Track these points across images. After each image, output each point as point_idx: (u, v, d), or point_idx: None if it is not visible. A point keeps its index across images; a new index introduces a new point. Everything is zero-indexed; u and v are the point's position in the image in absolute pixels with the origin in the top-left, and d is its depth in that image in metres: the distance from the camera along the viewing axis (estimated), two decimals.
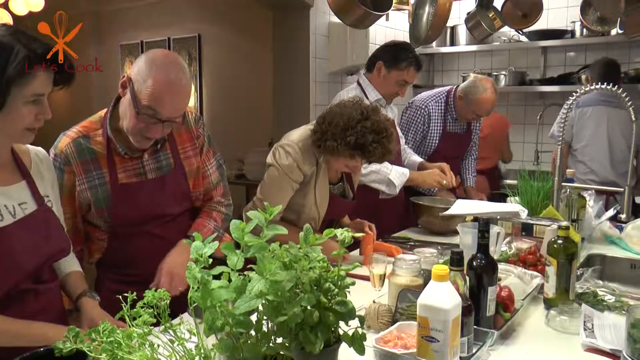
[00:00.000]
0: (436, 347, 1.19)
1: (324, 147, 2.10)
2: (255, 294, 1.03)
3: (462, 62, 5.18)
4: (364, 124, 2.04)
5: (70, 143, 1.75)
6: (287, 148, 2.17)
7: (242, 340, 1.09)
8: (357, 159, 2.10)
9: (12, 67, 1.31)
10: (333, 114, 2.10)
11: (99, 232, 1.85)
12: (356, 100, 2.15)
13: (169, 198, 1.86)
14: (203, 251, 1.11)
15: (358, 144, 2.03)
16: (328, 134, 2.07)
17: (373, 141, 2.04)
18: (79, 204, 1.79)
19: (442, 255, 2.06)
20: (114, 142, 1.76)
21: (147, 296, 1.10)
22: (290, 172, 2.15)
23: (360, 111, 2.07)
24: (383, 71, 2.83)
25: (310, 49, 3.76)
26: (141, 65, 1.66)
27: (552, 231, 1.95)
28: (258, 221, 1.11)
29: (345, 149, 2.05)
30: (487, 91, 3.16)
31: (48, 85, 1.40)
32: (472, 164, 3.64)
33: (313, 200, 2.23)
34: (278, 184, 2.17)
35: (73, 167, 1.74)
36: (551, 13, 4.60)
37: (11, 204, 1.45)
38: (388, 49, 2.88)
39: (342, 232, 1.11)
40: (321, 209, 2.26)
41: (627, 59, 4.42)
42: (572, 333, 1.60)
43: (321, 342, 1.10)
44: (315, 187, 2.22)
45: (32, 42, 1.35)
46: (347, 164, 2.16)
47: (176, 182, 1.87)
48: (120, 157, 1.78)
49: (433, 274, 1.21)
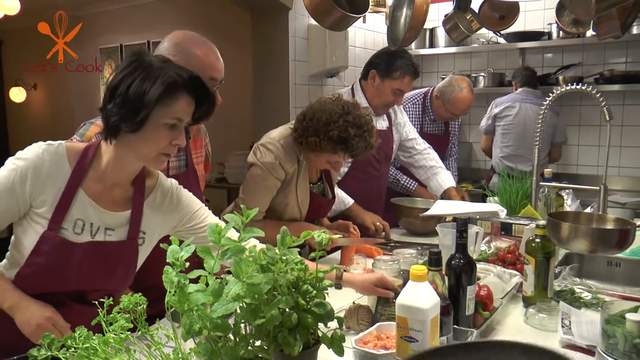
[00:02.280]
0: (415, 347, 1.20)
1: (306, 143, 2.10)
2: (232, 297, 1.02)
3: (442, 63, 5.21)
4: (345, 118, 2.04)
5: (100, 133, 1.68)
6: (268, 146, 2.16)
7: (221, 344, 1.09)
8: (339, 153, 2.10)
9: (159, 87, 1.34)
10: (314, 110, 2.10)
11: None
12: (336, 97, 2.15)
13: None
14: (179, 255, 1.11)
15: (341, 138, 2.04)
16: (310, 129, 2.07)
17: (355, 135, 2.04)
18: None
19: (422, 256, 2.07)
20: None
21: (123, 301, 1.09)
22: (273, 169, 2.14)
23: (341, 106, 2.07)
24: (377, 81, 2.75)
25: (290, 52, 3.75)
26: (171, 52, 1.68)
27: (531, 230, 1.98)
28: (235, 223, 1.10)
29: (328, 144, 2.05)
30: (463, 90, 3.19)
31: (189, 113, 1.43)
32: (453, 165, 3.67)
33: (295, 199, 2.22)
34: (261, 182, 2.16)
35: None
36: (528, 15, 4.66)
37: (97, 225, 1.45)
38: (382, 56, 2.79)
39: (320, 234, 1.11)
40: (303, 208, 2.26)
41: (602, 60, 4.49)
42: (551, 330, 1.62)
43: (300, 344, 1.10)
44: (297, 186, 2.21)
45: (179, 69, 1.40)
46: (329, 160, 2.15)
47: (190, 183, 1.86)
48: None
49: (411, 274, 1.22)
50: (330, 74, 4.00)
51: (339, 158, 2.13)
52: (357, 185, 2.79)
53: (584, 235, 1.59)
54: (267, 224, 2.17)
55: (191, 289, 1.07)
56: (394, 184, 3.22)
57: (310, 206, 2.28)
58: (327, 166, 2.20)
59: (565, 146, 4.70)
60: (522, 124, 4.13)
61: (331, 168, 2.22)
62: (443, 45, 4.93)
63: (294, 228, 2.17)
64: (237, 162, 5.00)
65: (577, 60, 4.53)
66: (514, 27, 4.41)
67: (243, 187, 2.21)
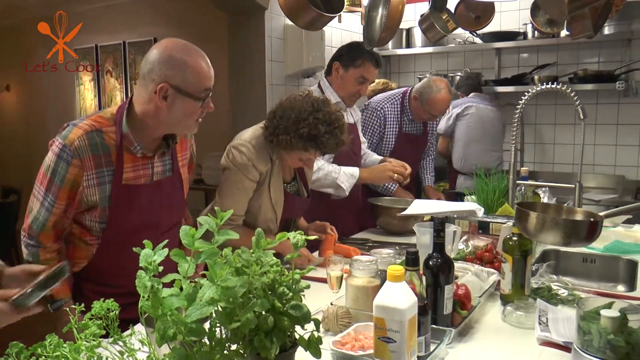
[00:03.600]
0: (393, 347, 1.19)
1: (276, 142, 2.09)
2: (206, 301, 1.01)
3: (418, 63, 5.23)
4: (315, 116, 2.04)
5: (84, 135, 1.66)
6: (240, 148, 2.14)
7: (196, 349, 1.07)
8: (310, 151, 2.10)
9: None
10: (284, 108, 2.09)
11: (90, 236, 1.77)
12: (306, 94, 2.15)
13: (166, 203, 1.84)
14: (152, 259, 1.08)
15: (311, 135, 2.03)
16: (280, 127, 2.07)
17: (326, 132, 2.04)
18: (79, 202, 1.71)
19: (400, 256, 2.07)
20: (129, 140, 1.71)
21: (95, 307, 1.07)
22: (246, 171, 2.12)
23: (311, 103, 2.07)
24: (340, 71, 2.80)
25: (266, 52, 3.73)
26: (165, 65, 1.64)
27: (508, 228, 1.99)
28: (208, 226, 1.09)
29: (299, 142, 2.05)
30: (441, 91, 3.20)
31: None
32: (430, 164, 3.69)
33: (269, 199, 2.21)
34: (236, 185, 2.14)
35: (84, 161, 1.65)
36: (504, 15, 4.70)
37: None
38: (342, 49, 2.87)
39: (295, 235, 1.09)
40: (277, 209, 2.24)
41: (576, 60, 4.55)
42: (528, 328, 1.62)
43: (276, 347, 1.09)
44: (270, 186, 2.20)
45: None
46: (301, 158, 2.15)
47: (174, 187, 1.87)
48: (132, 155, 1.73)
49: (388, 275, 1.21)
50: (307, 74, 3.99)
51: (311, 155, 2.13)
52: None
53: (552, 226, 1.53)
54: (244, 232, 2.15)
55: (165, 294, 1.05)
56: (375, 185, 3.22)
57: (285, 206, 2.26)
58: (300, 164, 2.19)
59: (541, 145, 4.76)
60: (481, 122, 4.25)
61: (303, 165, 2.21)
62: (420, 45, 4.95)
63: None
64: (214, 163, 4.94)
65: (551, 60, 4.59)
66: (490, 27, 4.44)
67: (219, 192, 2.19)
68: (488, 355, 1.48)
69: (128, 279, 1.66)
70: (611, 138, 4.47)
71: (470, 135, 4.26)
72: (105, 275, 1.79)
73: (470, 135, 4.26)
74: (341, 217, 2.71)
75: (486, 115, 4.27)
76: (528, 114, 4.73)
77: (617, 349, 1.21)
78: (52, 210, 1.69)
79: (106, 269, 1.78)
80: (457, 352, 1.48)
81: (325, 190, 2.71)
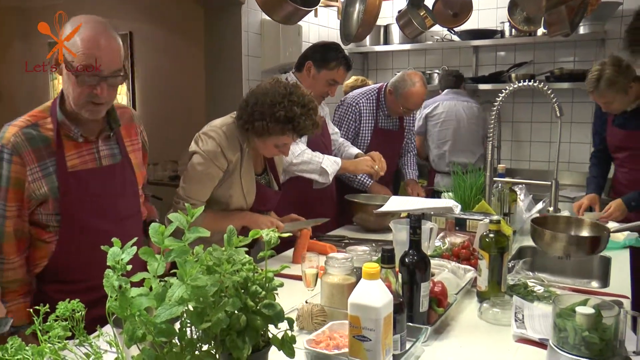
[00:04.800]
0: (368, 346, 1.17)
1: (252, 129, 2.08)
2: (176, 300, 0.97)
3: (396, 60, 5.23)
4: (290, 98, 2.05)
5: (19, 132, 1.64)
6: (210, 133, 2.14)
7: (166, 350, 1.04)
8: (287, 134, 2.09)
9: None
10: (256, 95, 2.10)
11: (47, 234, 1.72)
12: (275, 80, 2.16)
13: (119, 189, 1.81)
14: (120, 257, 1.05)
15: (288, 117, 2.04)
16: (255, 114, 2.06)
17: (301, 114, 2.05)
18: (28, 198, 1.67)
19: (376, 253, 2.06)
20: (66, 126, 1.69)
21: (59, 308, 1.03)
22: (215, 157, 2.11)
23: (284, 87, 2.09)
24: (313, 71, 2.80)
25: (243, 47, 3.69)
26: (66, 33, 1.61)
27: (484, 225, 1.98)
28: (179, 223, 1.05)
29: (276, 125, 2.05)
30: (415, 85, 3.20)
31: None
32: (411, 160, 3.68)
33: (240, 189, 2.19)
34: (202, 170, 2.12)
35: (24, 157, 1.63)
36: (481, 13, 4.72)
37: None
38: (317, 49, 2.86)
39: (268, 233, 1.07)
40: (249, 198, 2.22)
41: (553, 59, 4.59)
42: (504, 324, 1.62)
43: (249, 347, 1.06)
44: (241, 176, 2.18)
45: None
46: (277, 143, 2.14)
47: (125, 172, 1.83)
48: (74, 142, 1.70)
49: (363, 273, 1.19)
50: (284, 70, 3.94)
51: (288, 139, 2.13)
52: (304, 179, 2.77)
53: (563, 242, 1.78)
54: (207, 216, 2.13)
55: (134, 293, 1.02)
56: (350, 180, 3.21)
57: (256, 197, 2.25)
58: (275, 151, 2.18)
59: (518, 142, 4.80)
60: (454, 120, 4.21)
61: (279, 152, 2.20)
62: (397, 42, 4.95)
63: (235, 216, 2.18)
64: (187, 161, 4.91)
65: (528, 58, 4.63)
66: (468, 25, 4.46)
67: (184, 176, 2.17)
68: (464, 353, 1.47)
69: (92, 271, 1.58)
70: (586, 136, 4.51)
71: (443, 135, 4.25)
72: (68, 270, 1.73)
73: (443, 135, 4.25)
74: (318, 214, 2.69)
75: (459, 113, 4.22)
76: (505, 111, 4.75)
77: (591, 345, 1.21)
78: (5, 215, 1.65)
79: (68, 264, 1.73)
80: (433, 350, 1.48)
81: (309, 176, 2.71)
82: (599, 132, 3.10)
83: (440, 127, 4.25)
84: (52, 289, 1.73)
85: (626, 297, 1.87)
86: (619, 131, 2.86)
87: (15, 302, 1.68)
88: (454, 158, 4.13)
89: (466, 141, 4.22)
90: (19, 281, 1.69)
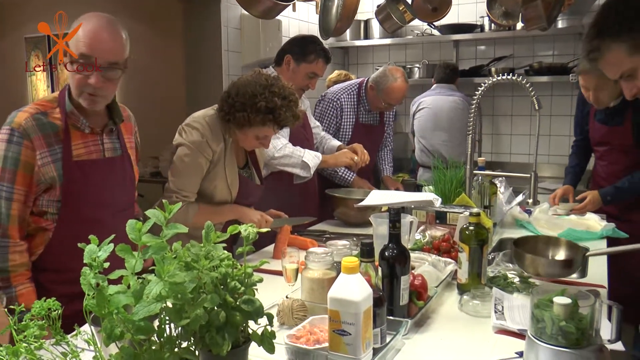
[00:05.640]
0: (348, 340, 1.18)
1: (233, 120, 2.10)
2: (154, 297, 0.97)
3: (377, 55, 5.24)
4: (271, 89, 2.07)
5: (29, 117, 1.68)
6: (194, 124, 2.15)
7: (145, 347, 1.03)
8: (268, 125, 2.10)
9: None
10: (237, 87, 2.11)
11: (45, 221, 1.74)
12: (257, 72, 2.17)
13: (119, 181, 1.86)
14: (97, 255, 1.04)
15: (268, 108, 2.06)
16: (237, 105, 2.08)
17: (282, 105, 2.07)
18: (37, 183, 1.70)
19: (357, 247, 2.05)
20: (75, 117, 1.74)
21: (35, 307, 1.01)
22: (201, 148, 2.11)
23: (265, 79, 2.11)
24: (292, 65, 2.82)
25: (222, 42, 3.67)
26: (73, 27, 1.66)
27: (464, 218, 2.00)
28: (156, 219, 1.04)
29: (257, 116, 2.06)
30: (397, 80, 3.22)
31: None
32: (388, 155, 3.70)
33: (224, 180, 2.19)
34: (190, 162, 2.12)
35: (33, 141, 1.67)
36: (461, 8, 4.74)
37: None
38: (296, 42, 2.87)
39: (247, 228, 1.06)
40: (233, 190, 2.23)
41: (532, 53, 4.63)
42: (484, 316, 1.64)
43: (229, 344, 1.06)
44: (225, 167, 2.18)
45: None
46: (258, 135, 2.15)
47: (125, 166, 1.88)
48: (81, 132, 1.75)
49: (343, 267, 1.19)
50: (264, 65, 3.92)
51: (269, 131, 2.14)
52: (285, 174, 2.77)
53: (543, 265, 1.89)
54: (198, 210, 2.13)
55: (111, 291, 1.01)
56: (332, 175, 3.21)
57: (239, 191, 2.25)
58: (256, 143, 2.19)
59: (498, 135, 4.83)
60: (434, 115, 4.25)
61: (259, 145, 2.21)
62: (378, 37, 4.95)
63: (227, 210, 2.19)
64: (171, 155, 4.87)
65: (508, 52, 4.66)
66: (448, 20, 4.48)
67: (172, 170, 2.16)
68: (444, 345, 1.48)
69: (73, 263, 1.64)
70: (565, 129, 4.57)
71: (423, 128, 4.29)
72: (64, 259, 1.72)
73: (423, 128, 4.29)
74: (299, 209, 2.69)
75: (441, 107, 4.24)
76: (486, 105, 4.79)
77: (568, 335, 1.22)
78: (13, 198, 1.68)
79: (64, 252, 1.71)
80: (414, 343, 1.48)
81: (291, 170, 2.72)
82: (580, 123, 3.12)
83: (421, 122, 4.29)
84: (46, 278, 1.75)
85: (603, 287, 1.90)
86: (601, 126, 2.88)
87: (24, 286, 1.69)
88: (435, 151, 4.16)
89: (447, 135, 4.24)
90: (25, 265, 1.71)
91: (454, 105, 4.23)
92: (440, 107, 4.24)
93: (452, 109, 4.23)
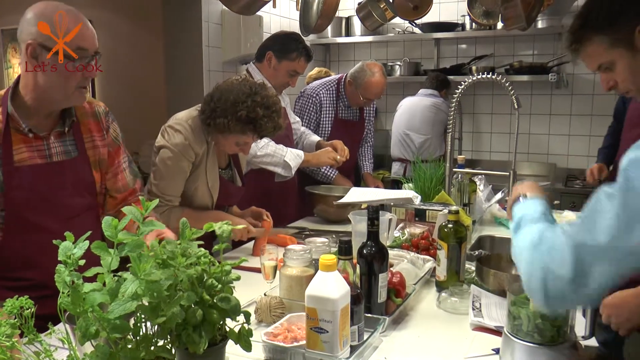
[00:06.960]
0: (325, 337, 1.18)
1: (214, 125, 2.06)
2: (129, 295, 0.96)
3: (358, 52, 5.25)
4: (254, 98, 2.03)
5: None
6: (176, 127, 2.11)
7: (121, 346, 1.02)
8: (248, 134, 2.08)
9: None
10: (221, 91, 2.07)
11: None
12: (243, 77, 2.14)
13: (70, 186, 1.73)
14: (72, 252, 1.02)
15: (249, 118, 2.02)
16: (218, 110, 2.04)
17: (264, 115, 2.03)
18: None
19: (336, 244, 2.05)
20: (15, 120, 1.62)
21: (6, 305, 1.00)
22: (184, 151, 2.09)
23: (249, 86, 2.06)
24: (273, 61, 2.79)
25: (203, 38, 3.64)
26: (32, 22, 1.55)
27: (443, 216, 2.01)
28: (132, 216, 1.03)
29: (237, 125, 2.03)
30: (375, 75, 3.22)
31: None
32: (368, 151, 3.71)
33: (205, 183, 2.17)
34: (173, 165, 2.10)
35: None
36: (442, 6, 4.77)
37: None
38: (278, 39, 2.85)
39: (221, 226, 1.06)
40: (214, 193, 2.21)
41: (512, 52, 4.67)
42: (462, 313, 1.65)
43: (205, 342, 1.05)
44: (206, 169, 2.16)
45: None
46: (238, 141, 2.12)
47: (78, 170, 1.75)
48: (23, 136, 1.63)
49: (320, 264, 1.19)
50: (245, 61, 3.92)
51: (248, 139, 2.11)
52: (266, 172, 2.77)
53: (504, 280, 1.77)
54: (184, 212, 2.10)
55: (87, 289, 0.99)
56: (315, 172, 3.21)
57: (220, 192, 2.23)
58: (236, 149, 2.17)
59: (478, 133, 4.87)
60: (409, 112, 4.37)
61: (239, 150, 2.19)
62: (359, 34, 4.96)
63: (211, 217, 2.16)
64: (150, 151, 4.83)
65: (489, 51, 4.70)
66: (429, 18, 4.49)
67: (154, 173, 2.13)
68: (422, 342, 1.49)
69: (37, 270, 1.60)
70: (544, 128, 4.63)
71: (398, 124, 4.42)
72: (13, 267, 1.66)
73: (398, 124, 4.42)
74: (279, 206, 2.69)
75: (415, 105, 4.34)
76: (467, 103, 4.82)
77: (543, 331, 1.24)
78: None
79: (13, 261, 1.66)
80: (392, 340, 1.49)
81: (272, 168, 2.71)
82: (620, 109, 3.18)
83: (397, 119, 4.43)
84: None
85: None
86: None
87: None
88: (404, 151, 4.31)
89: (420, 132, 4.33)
90: None
91: (428, 102, 4.32)
92: (416, 104, 4.34)
93: (426, 105, 4.31)
